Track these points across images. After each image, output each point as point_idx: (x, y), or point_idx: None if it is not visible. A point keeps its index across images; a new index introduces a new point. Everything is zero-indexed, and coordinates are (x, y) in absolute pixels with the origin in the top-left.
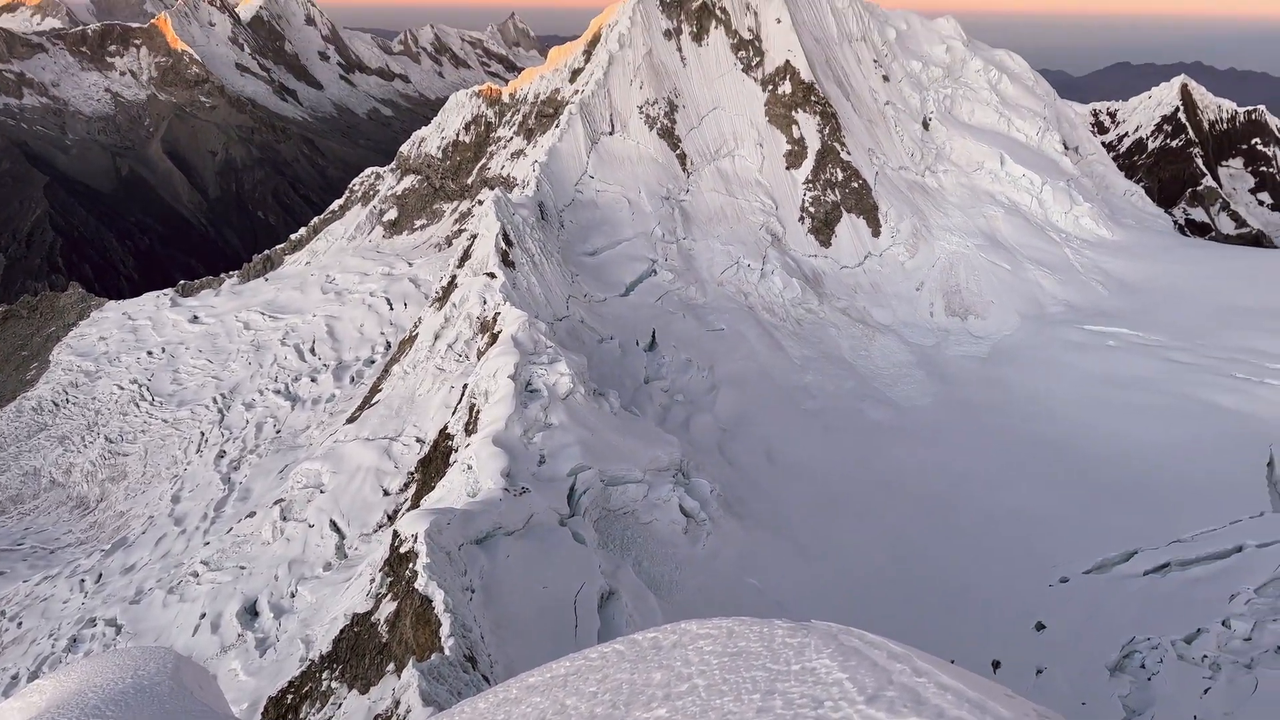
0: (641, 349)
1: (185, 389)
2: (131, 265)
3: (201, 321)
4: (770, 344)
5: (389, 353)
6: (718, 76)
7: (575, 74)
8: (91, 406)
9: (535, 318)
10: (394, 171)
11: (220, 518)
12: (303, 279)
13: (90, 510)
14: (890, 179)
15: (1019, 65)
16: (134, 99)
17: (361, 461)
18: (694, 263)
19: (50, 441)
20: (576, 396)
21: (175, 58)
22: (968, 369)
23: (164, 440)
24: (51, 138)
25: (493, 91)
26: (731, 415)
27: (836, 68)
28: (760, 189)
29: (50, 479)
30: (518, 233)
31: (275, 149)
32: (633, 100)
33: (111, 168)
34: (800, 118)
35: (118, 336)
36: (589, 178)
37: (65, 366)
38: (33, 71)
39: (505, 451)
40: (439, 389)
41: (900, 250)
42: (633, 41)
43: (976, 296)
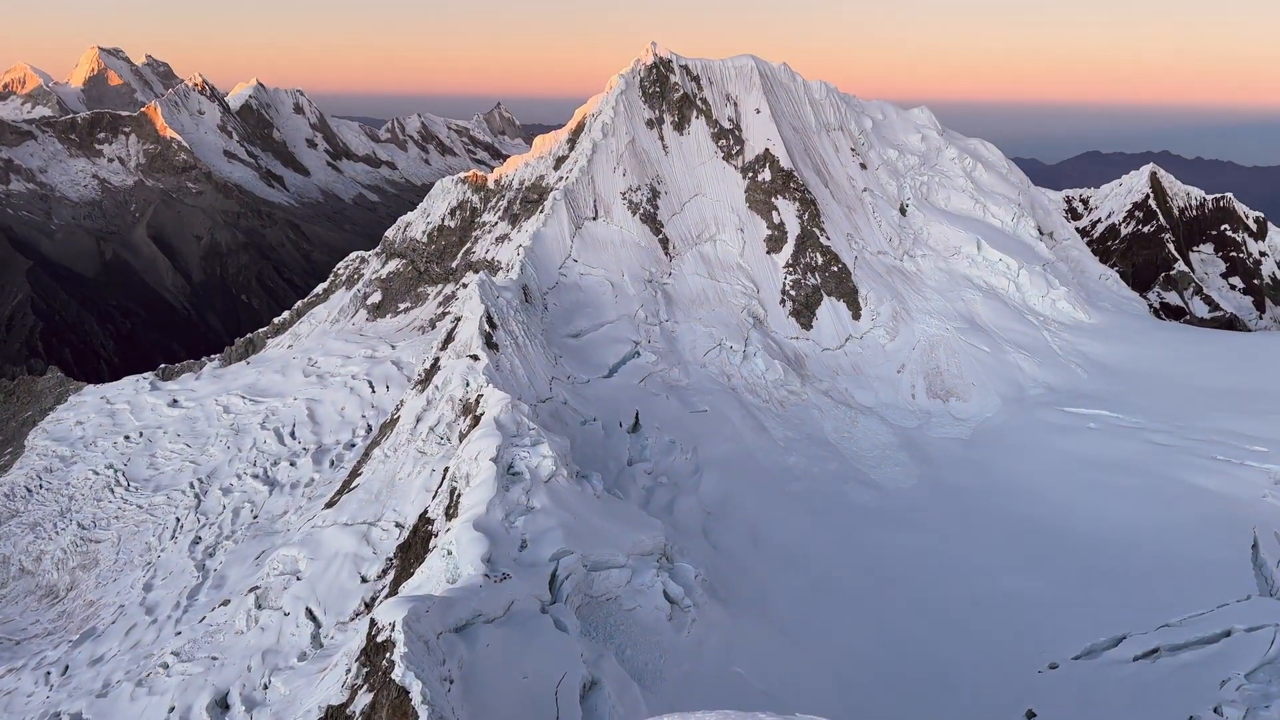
0: (625, 431)
1: (162, 474)
2: (112, 349)
3: (181, 405)
4: (754, 425)
5: (370, 436)
6: (699, 164)
7: (560, 161)
8: (65, 492)
9: (518, 399)
10: (379, 255)
11: (193, 606)
12: (285, 362)
13: (60, 599)
14: (869, 263)
15: (993, 153)
16: (121, 185)
17: (339, 547)
18: (677, 344)
19: (21, 528)
20: (559, 479)
21: (164, 145)
22: (951, 451)
23: (138, 527)
24: (36, 223)
25: (478, 178)
26: (716, 498)
27: (815, 156)
28: (742, 272)
29: (20, 567)
30: (501, 315)
31: (261, 234)
32: (616, 186)
33: (96, 252)
34: (780, 204)
35: (95, 421)
36: (573, 261)
37: (40, 452)
38: (20, 158)
39: (486, 536)
40: (420, 472)
41: (881, 333)
42: (616, 130)
43: (957, 379)
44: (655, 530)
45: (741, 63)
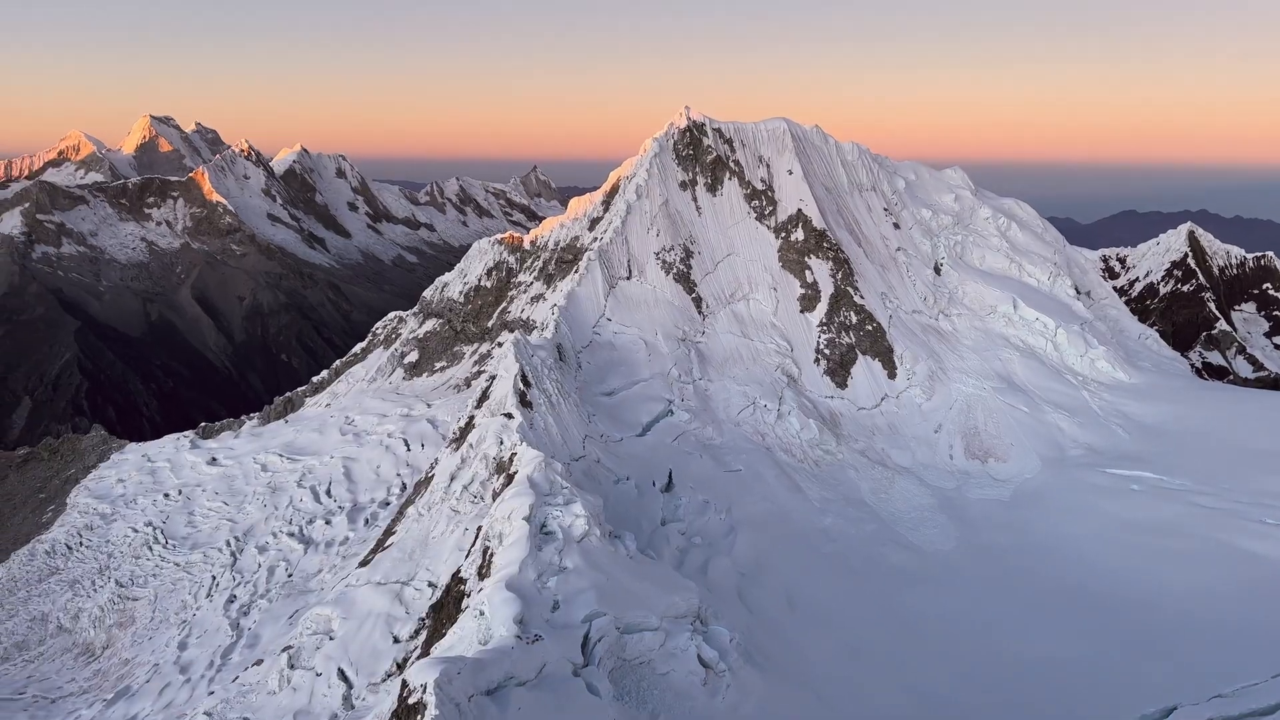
0: (658, 490)
1: (199, 532)
2: (155, 407)
3: (220, 463)
4: (789, 485)
5: (405, 494)
6: (732, 224)
7: (594, 222)
8: (104, 549)
9: (551, 458)
10: (416, 315)
11: (227, 665)
12: (322, 421)
13: (96, 657)
14: (904, 322)
15: (1027, 213)
16: (168, 247)
17: (372, 607)
18: (710, 403)
19: (61, 586)
20: (592, 539)
21: (210, 208)
22: (990, 513)
23: (175, 584)
24: (85, 284)
25: (514, 239)
26: (750, 559)
27: (848, 215)
28: (775, 331)
29: (58, 624)
30: (536, 374)
31: (302, 294)
32: (649, 247)
33: (142, 313)
34: (813, 263)
35: (136, 479)
36: (606, 320)
37: (81, 509)
38: (73, 222)
39: (519, 597)
40: (453, 531)
41: (917, 392)
42: (649, 192)
43: (996, 439)
44: (689, 592)
45: (774, 125)
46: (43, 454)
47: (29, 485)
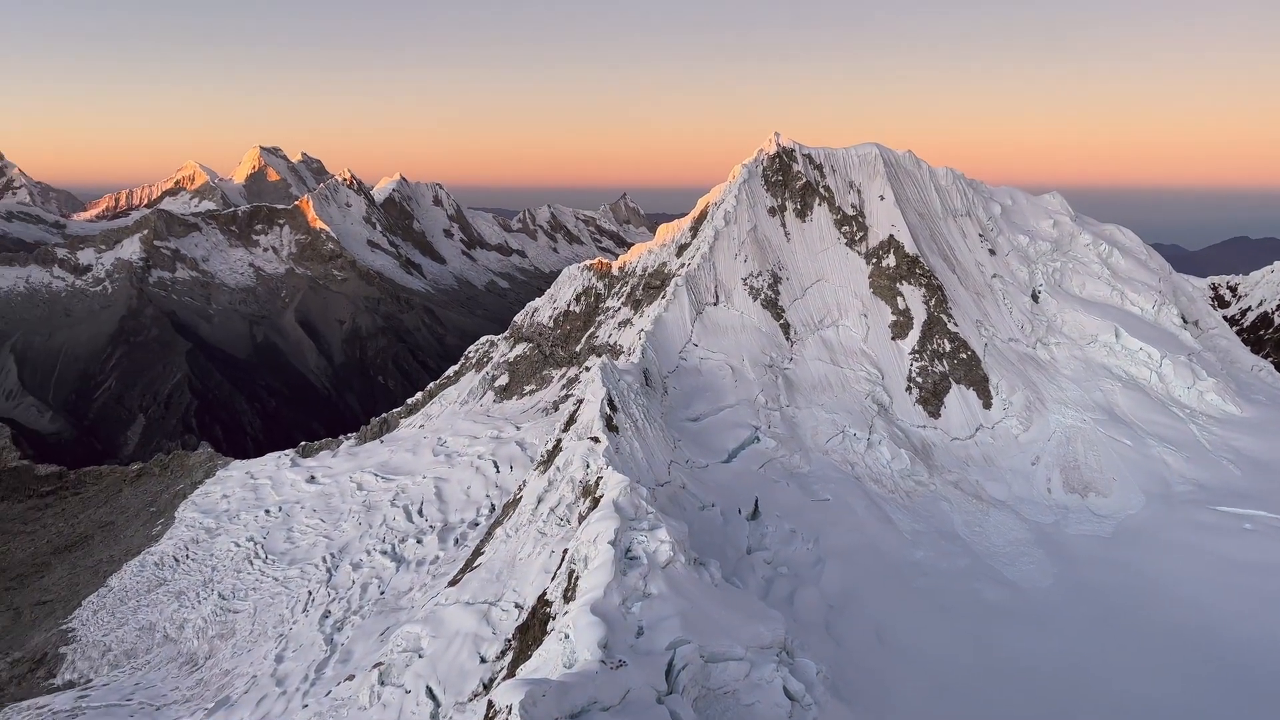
0: (744, 518)
1: (297, 548)
2: (259, 426)
3: (318, 481)
4: (879, 516)
5: (493, 515)
6: (821, 250)
7: (682, 249)
8: (209, 563)
9: (637, 483)
10: (507, 339)
11: (320, 679)
12: (416, 441)
13: (198, 667)
14: (1000, 350)
15: (1130, 239)
16: (274, 273)
17: (461, 626)
18: (798, 430)
19: (168, 596)
20: (677, 565)
21: (314, 235)
22: (1090, 549)
23: (273, 599)
24: (197, 307)
25: (603, 265)
26: (839, 591)
27: (941, 241)
28: (865, 358)
29: (164, 634)
30: (622, 398)
31: (398, 318)
32: (737, 273)
33: (248, 335)
34: (905, 289)
35: (239, 495)
36: (693, 345)
37: (189, 523)
38: (186, 248)
39: (603, 621)
40: (540, 553)
41: (1013, 423)
42: (738, 218)
43: (1097, 473)
44: (775, 622)
45: (865, 150)
46: (154, 469)
47: (141, 499)
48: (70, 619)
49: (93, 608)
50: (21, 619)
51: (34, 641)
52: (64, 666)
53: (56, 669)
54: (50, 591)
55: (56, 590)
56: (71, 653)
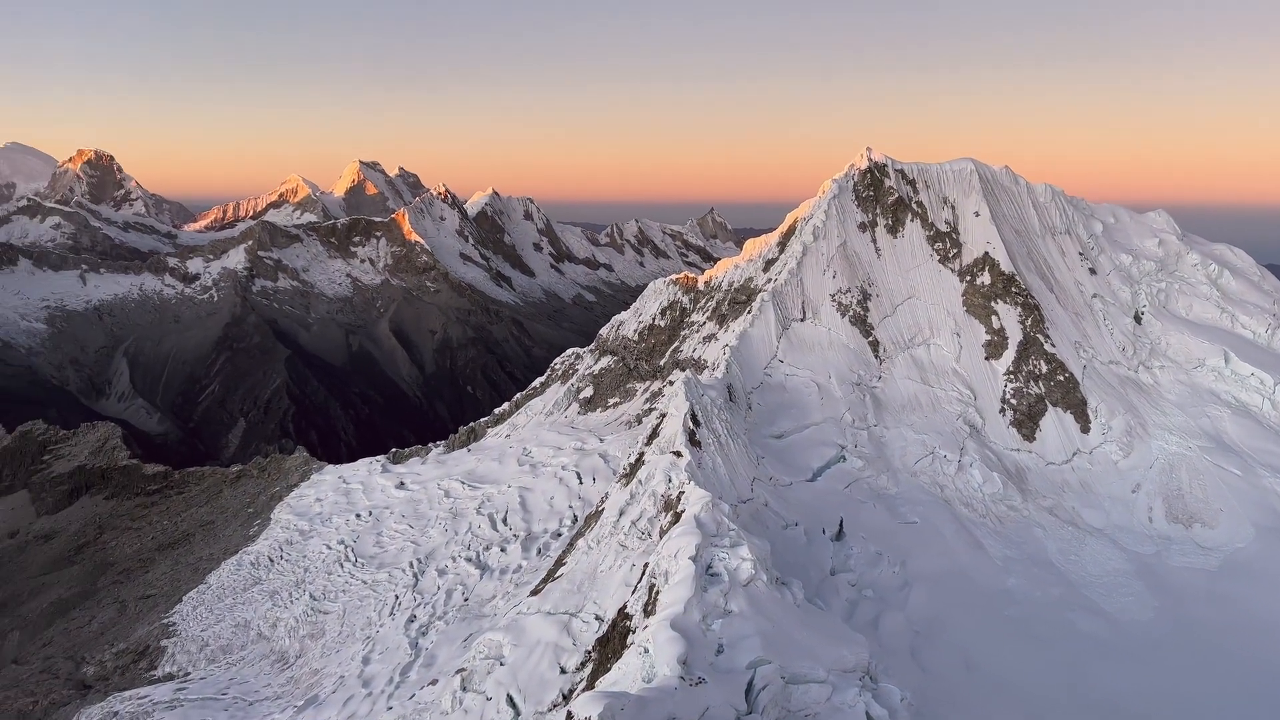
0: (828, 538)
1: (386, 552)
2: (352, 433)
3: (407, 488)
4: (969, 541)
5: (575, 526)
6: (913, 267)
7: (769, 264)
8: (302, 564)
9: (719, 499)
10: (593, 352)
11: (405, 683)
12: (502, 451)
13: (289, 665)
14: (1100, 373)
15: (1242, 260)
16: (370, 283)
17: (542, 636)
18: (885, 451)
19: (262, 595)
20: (758, 584)
21: (408, 248)
22: (1194, 583)
23: (361, 601)
24: (297, 316)
25: (689, 280)
26: (925, 616)
27: (1038, 260)
28: (958, 378)
29: (258, 631)
30: (705, 413)
31: (488, 330)
32: (825, 289)
33: (344, 343)
34: (1000, 308)
35: (332, 499)
36: (778, 362)
37: (284, 524)
38: (288, 259)
39: (683, 637)
40: (621, 566)
41: (1113, 448)
42: (827, 233)
43: (1203, 503)
44: (859, 646)
45: (960, 166)
46: (253, 472)
47: (240, 500)
48: (171, 613)
49: (192, 603)
50: (127, 612)
51: (138, 634)
52: (164, 659)
53: (158, 661)
54: (154, 586)
55: (159, 585)
56: (172, 646)
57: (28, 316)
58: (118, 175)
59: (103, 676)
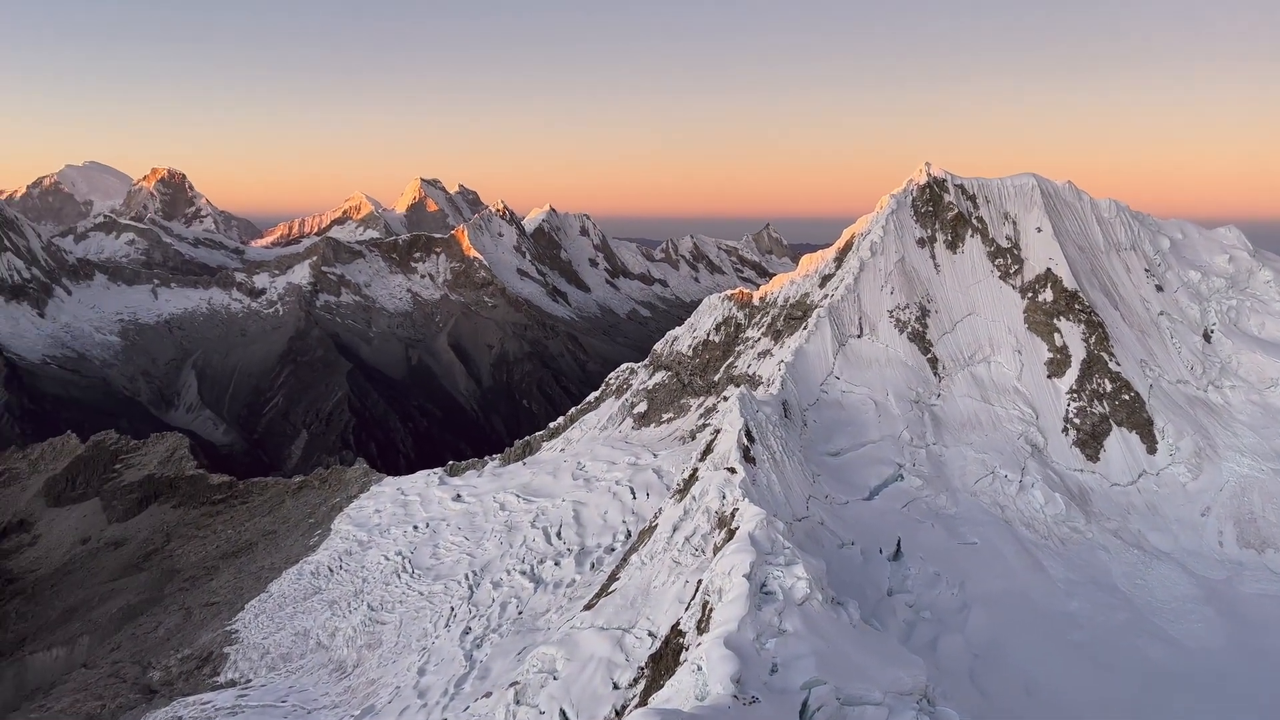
0: (885, 558)
1: (442, 564)
2: (410, 445)
3: (463, 500)
4: (1030, 563)
5: (629, 542)
6: (973, 283)
7: (825, 279)
8: (360, 574)
9: (774, 516)
10: (647, 367)
11: (459, 695)
12: (556, 465)
13: (347, 674)
14: (1167, 392)
15: None
16: (429, 298)
17: (595, 651)
18: (944, 470)
19: (321, 605)
20: (814, 603)
21: (467, 263)
22: (1270, 611)
23: (418, 612)
24: (358, 330)
25: (744, 295)
26: (985, 639)
27: (1103, 276)
28: (1019, 397)
29: (317, 640)
30: (760, 430)
31: (544, 344)
32: (883, 305)
33: (404, 357)
34: (1063, 326)
35: (390, 510)
36: (835, 378)
37: (343, 535)
38: (351, 274)
39: (736, 655)
40: (674, 582)
41: (1181, 470)
42: (885, 249)
43: (1277, 528)
44: (916, 668)
45: (1021, 181)
46: (314, 482)
47: (301, 510)
48: (234, 621)
49: (254, 611)
50: (192, 618)
51: (201, 640)
52: (227, 665)
53: (220, 667)
54: (217, 594)
55: (223, 593)
56: (234, 653)
57: (102, 329)
58: (189, 193)
59: (168, 681)
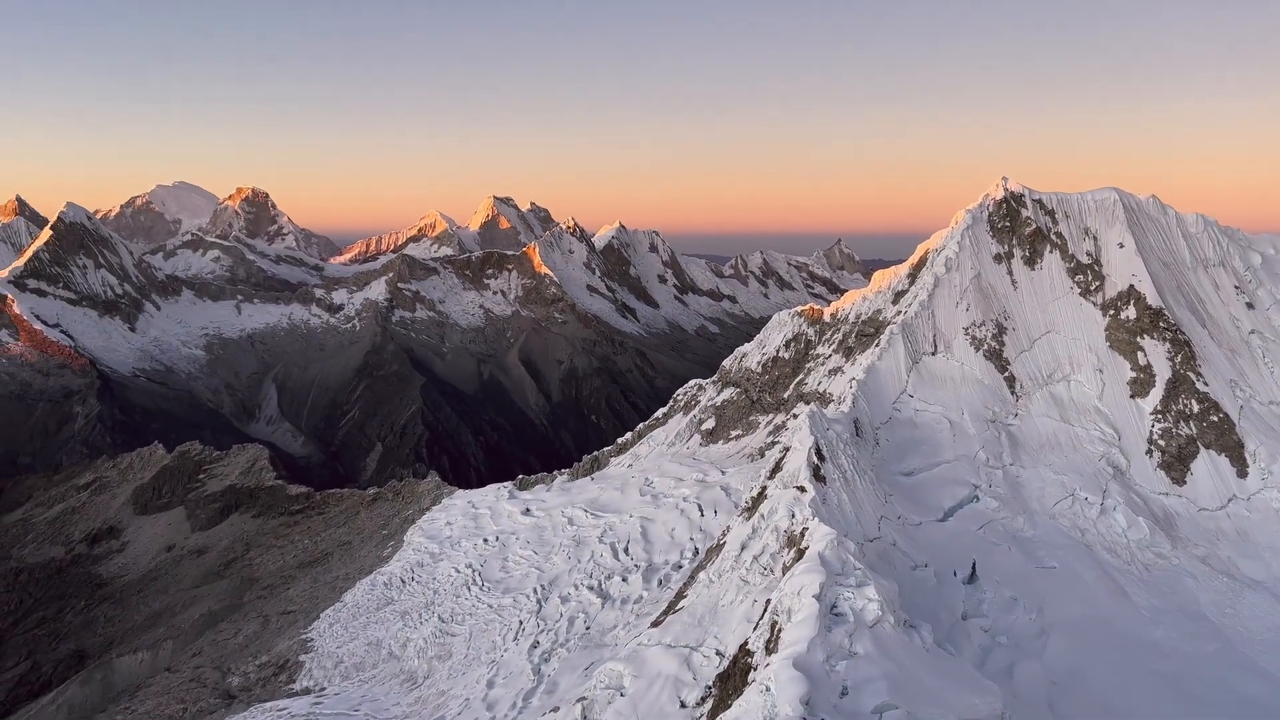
0: (959, 581)
1: (511, 577)
2: (481, 459)
3: (532, 514)
4: (1112, 589)
5: (696, 559)
6: (1052, 300)
7: (898, 296)
8: (431, 586)
9: (844, 536)
10: (715, 383)
11: (527, 708)
12: (624, 480)
13: (417, 685)
14: (1259, 414)
15: None
16: (501, 314)
17: (662, 668)
18: (1022, 491)
19: (394, 615)
20: (885, 625)
21: (538, 280)
22: None
23: (487, 625)
24: (432, 345)
25: (814, 311)
26: (1064, 667)
27: (1189, 293)
28: (1100, 417)
29: (389, 651)
30: (831, 448)
31: (612, 360)
32: (958, 322)
33: (476, 372)
34: (1147, 344)
35: (461, 523)
36: (908, 397)
37: (415, 547)
38: (426, 290)
39: (806, 677)
40: (742, 601)
41: (1274, 495)
42: (960, 265)
43: None
44: (992, 695)
45: (1103, 196)
46: (388, 495)
47: (375, 522)
48: (309, 629)
49: (329, 620)
50: (269, 626)
51: (278, 648)
52: (302, 673)
53: (296, 675)
54: (294, 602)
55: (299, 602)
56: (309, 661)
57: (188, 343)
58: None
59: (246, 687)
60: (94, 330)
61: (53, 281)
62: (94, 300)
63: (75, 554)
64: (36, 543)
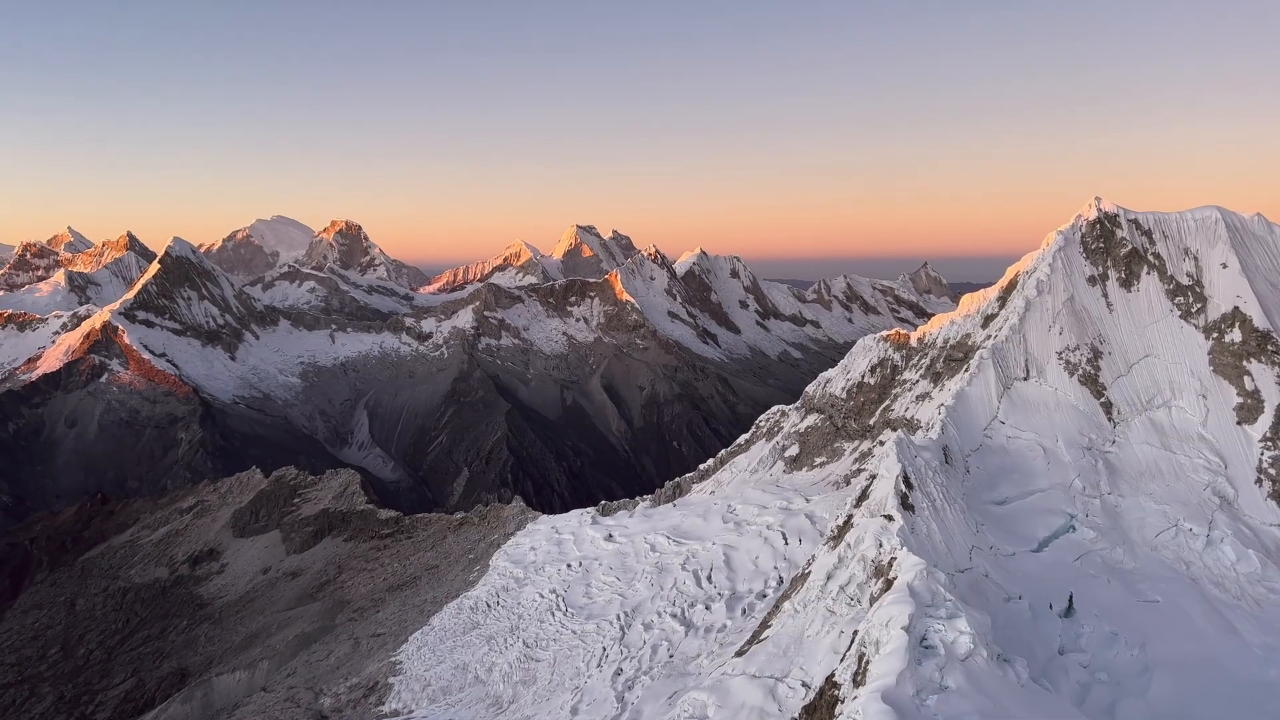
0: (1056, 614)
1: (594, 603)
2: (564, 484)
3: (615, 540)
4: (1220, 625)
5: (781, 588)
6: (1150, 323)
7: (988, 319)
8: (516, 611)
9: (934, 567)
10: (798, 410)
11: None
12: (706, 507)
13: (502, 710)
14: None
15: None
16: (584, 341)
17: (747, 699)
18: (1121, 522)
19: (479, 639)
20: (978, 659)
21: (620, 307)
22: None
23: (571, 651)
24: (517, 372)
25: (901, 336)
26: (1170, 707)
27: None
28: (1204, 444)
29: (475, 675)
30: (919, 476)
31: (694, 386)
32: (1051, 346)
33: (559, 398)
34: (1254, 368)
35: (545, 548)
36: (999, 423)
37: (501, 571)
38: (511, 318)
39: (895, 711)
40: (828, 632)
41: None
42: (1053, 287)
43: None
44: None
45: (1203, 214)
46: (474, 519)
47: (461, 546)
48: (398, 652)
49: (417, 644)
50: (360, 648)
51: (368, 670)
52: (391, 696)
53: (385, 697)
54: (384, 625)
55: (389, 625)
56: (398, 683)
57: (285, 371)
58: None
59: (337, 709)
60: (197, 359)
61: (160, 313)
62: (197, 330)
63: (178, 575)
64: (143, 564)
